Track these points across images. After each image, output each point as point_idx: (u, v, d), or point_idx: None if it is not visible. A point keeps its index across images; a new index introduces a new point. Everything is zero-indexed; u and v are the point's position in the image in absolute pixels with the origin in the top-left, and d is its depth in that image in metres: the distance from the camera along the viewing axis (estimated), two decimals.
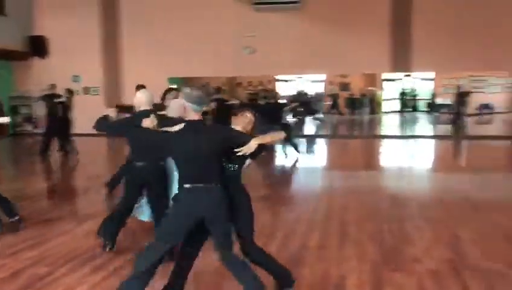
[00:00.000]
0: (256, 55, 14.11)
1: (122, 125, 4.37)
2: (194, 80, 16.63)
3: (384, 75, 21.60)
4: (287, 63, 13.94)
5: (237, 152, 3.19)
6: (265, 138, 3.32)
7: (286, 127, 9.87)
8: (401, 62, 13.49)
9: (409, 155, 11.74)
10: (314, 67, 14.24)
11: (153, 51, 14.43)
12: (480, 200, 6.52)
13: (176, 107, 4.07)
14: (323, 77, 22.17)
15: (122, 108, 5.38)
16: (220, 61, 14.22)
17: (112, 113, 4.45)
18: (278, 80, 22.29)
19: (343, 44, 13.53)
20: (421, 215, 5.74)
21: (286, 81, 22.65)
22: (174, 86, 8.10)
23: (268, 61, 13.99)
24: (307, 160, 10.92)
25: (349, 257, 4.38)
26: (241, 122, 3.46)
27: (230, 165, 3.31)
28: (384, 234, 5.02)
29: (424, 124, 20.02)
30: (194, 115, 3.19)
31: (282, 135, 3.68)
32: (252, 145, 3.19)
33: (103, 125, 4.34)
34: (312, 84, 22.88)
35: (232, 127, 3.43)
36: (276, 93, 12.53)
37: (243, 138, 3.24)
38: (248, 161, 3.43)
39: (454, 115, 14.82)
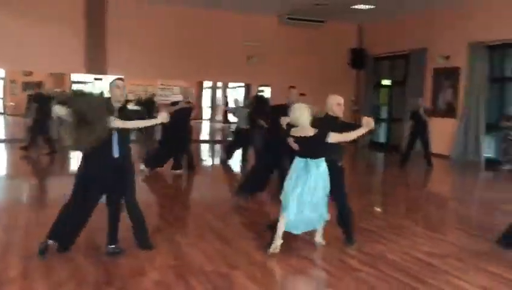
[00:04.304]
0: None
1: None
2: None
3: (75, 77, 20.46)
4: None
5: None
6: None
7: None
8: (96, 64, 12.96)
9: None
10: None
11: None
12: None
13: None
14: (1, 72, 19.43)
15: None
16: None
17: None
18: None
19: (28, 37, 11.98)
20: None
21: None
22: None
23: None
24: None
25: (65, 281, 3.72)
26: None
27: None
28: (101, 250, 4.50)
29: None
30: None
31: None
32: None
33: None
34: None
35: None
36: None
37: None
38: None
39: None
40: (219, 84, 23.21)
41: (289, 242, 4.85)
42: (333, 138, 4.31)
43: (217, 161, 12.50)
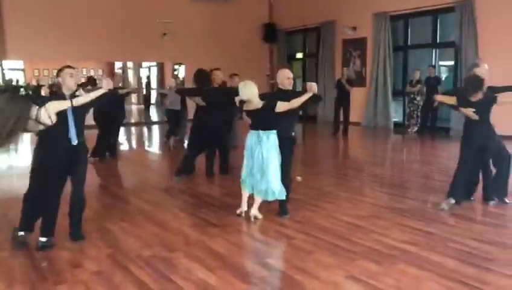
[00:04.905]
0: None
1: None
2: None
3: None
4: None
5: None
6: None
7: None
8: None
9: None
10: None
11: None
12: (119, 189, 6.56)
13: None
14: None
15: None
16: None
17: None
18: None
19: None
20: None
21: None
22: None
23: None
24: None
25: None
26: None
27: None
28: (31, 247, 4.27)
29: None
30: None
31: None
32: None
33: None
34: None
35: None
36: None
37: None
38: None
39: None
40: (129, 64, 22.37)
41: (226, 217, 4.95)
42: (281, 107, 4.60)
43: (135, 145, 12.26)
